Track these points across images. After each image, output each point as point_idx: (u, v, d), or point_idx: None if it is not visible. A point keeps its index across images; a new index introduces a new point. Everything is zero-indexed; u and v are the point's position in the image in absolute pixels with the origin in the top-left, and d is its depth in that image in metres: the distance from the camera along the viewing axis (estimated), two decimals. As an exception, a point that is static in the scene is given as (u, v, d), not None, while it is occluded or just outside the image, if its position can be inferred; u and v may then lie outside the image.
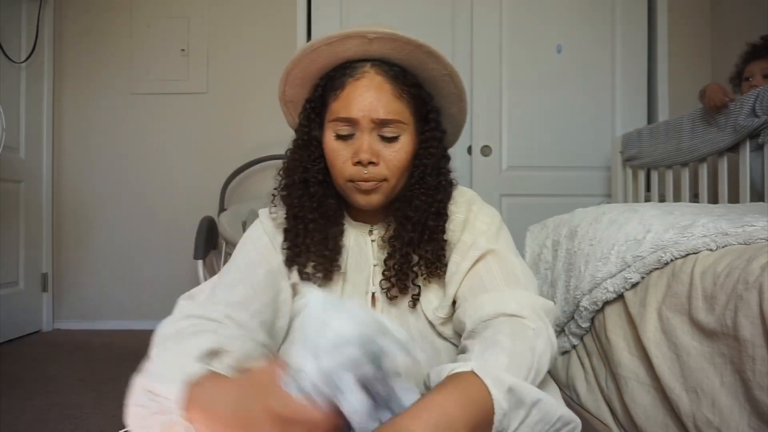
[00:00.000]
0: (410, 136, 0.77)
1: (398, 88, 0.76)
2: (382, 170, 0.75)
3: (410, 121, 0.77)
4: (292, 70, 0.80)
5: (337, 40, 0.74)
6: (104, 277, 2.80)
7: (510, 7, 2.75)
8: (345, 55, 0.76)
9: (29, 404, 1.57)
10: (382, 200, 0.78)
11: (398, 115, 0.75)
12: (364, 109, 0.74)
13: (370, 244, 0.83)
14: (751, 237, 0.89)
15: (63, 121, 2.81)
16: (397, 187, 0.79)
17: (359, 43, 0.74)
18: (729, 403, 0.78)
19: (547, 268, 1.43)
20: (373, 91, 0.74)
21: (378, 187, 0.76)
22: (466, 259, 0.76)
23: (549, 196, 2.73)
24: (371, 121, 0.74)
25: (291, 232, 0.79)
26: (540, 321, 0.67)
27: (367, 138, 0.74)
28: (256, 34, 2.78)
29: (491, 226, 0.81)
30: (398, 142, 0.76)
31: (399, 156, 0.76)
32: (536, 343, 0.63)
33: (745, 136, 1.73)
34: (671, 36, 2.75)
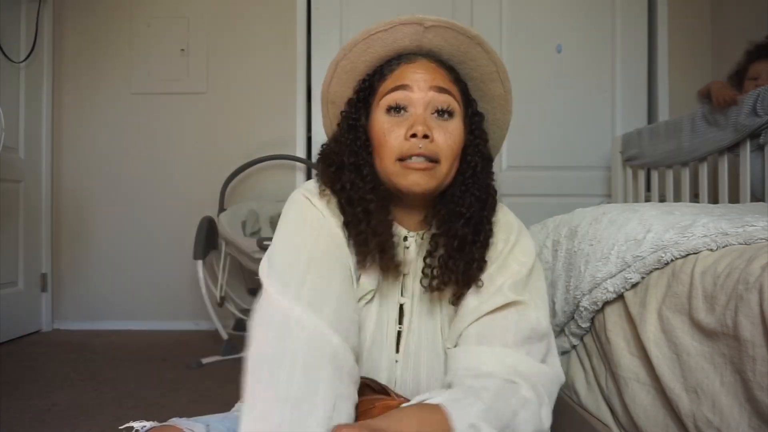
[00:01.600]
0: (461, 123, 0.73)
1: (452, 76, 0.74)
2: (435, 148, 0.69)
3: (459, 109, 0.74)
4: (341, 60, 0.76)
5: (394, 27, 0.73)
6: (104, 277, 2.80)
7: (510, 7, 2.75)
8: (398, 45, 0.74)
9: (29, 404, 1.57)
10: (435, 186, 0.71)
11: (453, 92, 0.72)
12: (420, 77, 0.71)
13: (403, 251, 0.76)
14: (751, 237, 0.89)
15: (62, 120, 2.81)
16: (448, 176, 0.73)
17: (414, 31, 0.72)
18: (729, 403, 0.78)
19: (547, 268, 1.43)
20: (428, 70, 0.72)
21: (430, 168, 0.69)
22: (487, 302, 0.70)
23: (549, 196, 2.73)
24: (428, 87, 0.70)
25: (352, 222, 0.70)
26: (533, 394, 0.62)
27: (422, 112, 0.70)
28: (256, 34, 2.78)
29: (524, 267, 0.74)
30: (453, 122, 0.72)
31: (453, 137, 0.71)
32: (519, 411, 0.59)
33: (745, 135, 1.73)
34: (671, 36, 2.75)
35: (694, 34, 2.76)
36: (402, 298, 0.76)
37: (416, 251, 0.77)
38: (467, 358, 0.67)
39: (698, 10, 2.77)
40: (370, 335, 0.73)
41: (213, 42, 2.78)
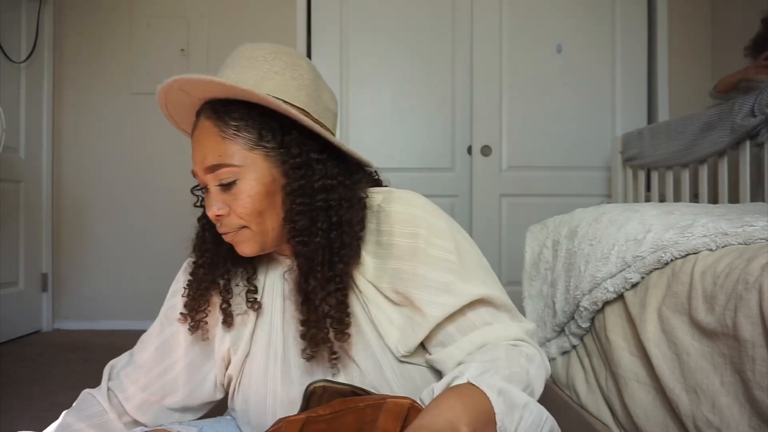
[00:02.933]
0: (256, 172, 0.67)
1: (224, 126, 0.67)
2: (233, 220, 0.69)
3: (250, 159, 0.67)
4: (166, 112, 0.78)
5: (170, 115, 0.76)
6: (104, 277, 2.80)
7: (510, 7, 2.75)
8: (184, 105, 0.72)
9: (29, 404, 1.57)
10: (258, 247, 0.70)
11: (226, 158, 0.67)
12: (198, 162, 0.69)
13: (282, 277, 0.76)
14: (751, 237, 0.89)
15: (63, 121, 2.81)
16: (270, 226, 0.69)
17: (181, 96, 0.70)
18: (729, 403, 0.78)
19: (547, 268, 1.43)
20: (201, 140, 0.69)
21: (239, 236, 0.70)
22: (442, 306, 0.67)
23: (549, 196, 2.73)
24: (204, 172, 0.69)
25: (189, 278, 0.77)
26: (533, 348, 0.68)
27: (213, 190, 0.69)
28: (256, 34, 2.78)
29: (449, 252, 0.69)
30: (237, 187, 0.67)
31: (243, 203, 0.67)
32: (528, 367, 0.64)
33: (743, 135, 1.73)
34: (671, 36, 2.75)
35: (694, 34, 2.76)
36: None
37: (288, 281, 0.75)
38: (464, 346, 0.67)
39: (698, 10, 2.77)
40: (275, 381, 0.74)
41: (213, 42, 2.78)
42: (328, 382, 0.67)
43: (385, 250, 0.70)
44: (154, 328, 0.81)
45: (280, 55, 0.71)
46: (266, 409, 0.73)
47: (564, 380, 1.33)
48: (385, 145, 2.79)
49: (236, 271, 0.77)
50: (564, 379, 1.33)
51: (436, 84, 2.78)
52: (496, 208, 2.77)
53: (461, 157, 2.79)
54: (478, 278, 0.70)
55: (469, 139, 2.77)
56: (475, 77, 2.75)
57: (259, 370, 0.75)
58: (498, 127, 2.76)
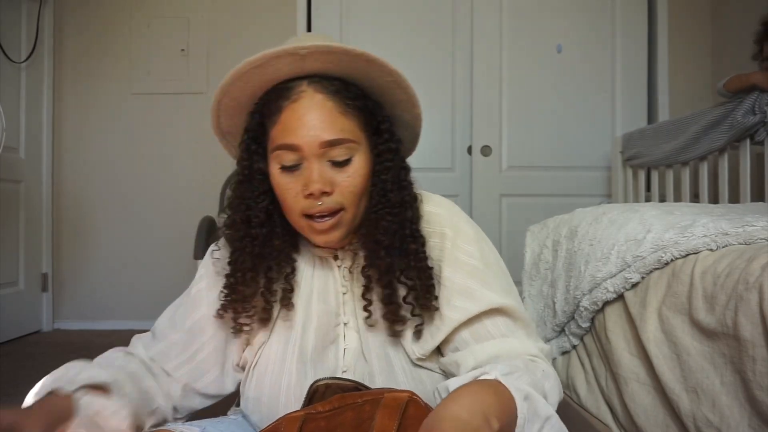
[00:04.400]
0: (364, 154, 0.69)
1: (342, 103, 0.68)
2: (337, 198, 0.67)
3: (361, 138, 0.69)
4: (222, 98, 0.72)
5: (266, 61, 0.66)
6: (104, 277, 2.80)
7: (510, 7, 2.75)
8: (277, 76, 0.68)
9: (29, 404, 1.57)
10: (344, 234, 0.70)
11: (346, 133, 0.67)
12: (308, 133, 0.65)
13: (336, 270, 0.76)
14: (751, 237, 0.89)
15: (63, 121, 2.81)
16: (358, 215, 0.70)
17: (291, 62, 0.66)
18: (729, 403, 0.78)
19: (547, 268, 1.43)
20: (315, 111, 0.66)
21: (337, 222, 0.68)
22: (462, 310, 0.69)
23: (549, 196, 2.73)
24: (318, 146, 0.65)
25: (230, 279, 0.73)
26: (549, 367, 0.66)
27: (317, 166, 0.66)
28: (256, 34, 2.78)
29: (473, 258, 0.71)
30: (351, 165, 0.67)
31: (354, 181, 0.68)
32: (545, 383, 0.62)
33: (742, 133, 1.73)
34: (671, 36, 2.75)
35: (694, 34, 2.76)
36: (345, 316, 0.74)
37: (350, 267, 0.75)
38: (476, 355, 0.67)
39: (698, 10, 2.77)
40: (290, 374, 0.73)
41: (213, 42, 2.78)
42: (332, 379, 0.67)
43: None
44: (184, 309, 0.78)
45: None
46: (279, 399, 0.72)
47: (564, 380, 1.33)
48: (385, 145, 2.79)
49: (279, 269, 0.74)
50: (564, 379, 1.33)
51: (436, 84, 2.78)
52: (496, 208, 2.77)
53: (461, 157, 2.79)
54: (500, 288, 0.71)
55: (469, 139, 2.77)
56: (475, 77, 2.75)
57: (276, 358, 0.74)
58: (498, 127, 2.76)
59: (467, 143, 2.78)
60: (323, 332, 0.74)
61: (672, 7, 2.74)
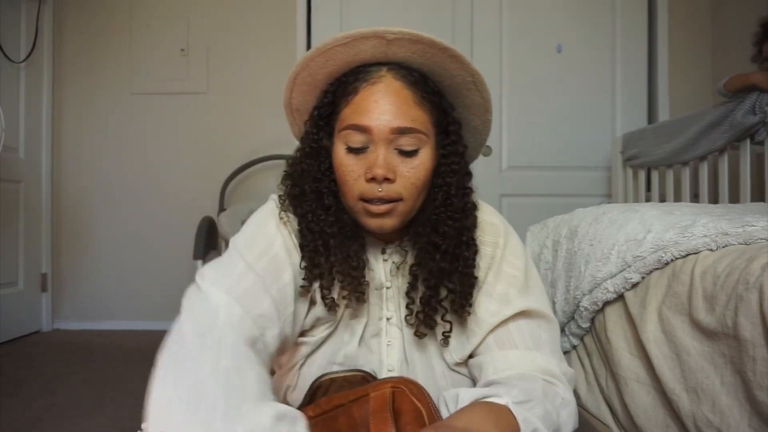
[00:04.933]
0: (430, 150, 0.69)
1: (419, 94, 0.68)
2: (397, 188, 0.66)
3: (431, 133, 0.69)
4: (300, 73, 0.71)
5: (353, 41, 0.66)
6: (104, 277, 2.80)
7: (510, 7, 2.75)
8: (360, 58, 0.68)
9: (29, 404, 1.56)
10: (396, 224, 0.69)
11: (419, 124, 0.67)
12: (380, 117, 0.65)
13: (382, 263, 0.76)
14: (751, 237, 0.89)
15: (62, 120, 2.81)
16: (414, 208, 0.70)
17: (376, 44, 0.67)
18: (729, 403, 0.78)
19: (547, 268, 1.43)
20: (391, 97, 0.66)
21: (392, 210, 0.67)
22: (496, 315, 0.70)
23: (549, 196, 2.73)
24: (389, 131, 0.65)
25: (308, 248, 0.70)
26: (568, 393, 0.66)
27: (383, 151, 0.66)
28: (256, 34, 2.78)
29: (518, 270, 0.73)
30: (418, 157, 0.67)
31: (418, 173, 0.67)
32: (561, 411, 0.62)
33: (742, 133, 1.72)
34: (671, 36, 2.75)
35: (694, 34, 2.76)
36: (387, 311, 0.75)
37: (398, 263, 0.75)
38: (496, 363, 0.67)
39: (698, 10, 2.77)
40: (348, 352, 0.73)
41: (213, 42, 2.78)
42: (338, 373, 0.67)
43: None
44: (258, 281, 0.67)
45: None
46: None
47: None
48: (385, 145, 2.79)
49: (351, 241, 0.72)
50: (564, 379, 1.33)
51: (436, 84, 2.78)
52: (496, 208, 2.74)
53: (461, 157, 2.79)
54: (535, 298, 0.73)
55: (469, 139, 2.77)
56: (475, 77, 2.75)
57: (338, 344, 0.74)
58: (498, 127, 2.76)
59: (467, 143, 2.78)
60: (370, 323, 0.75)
61: (672, 8, 2.74)
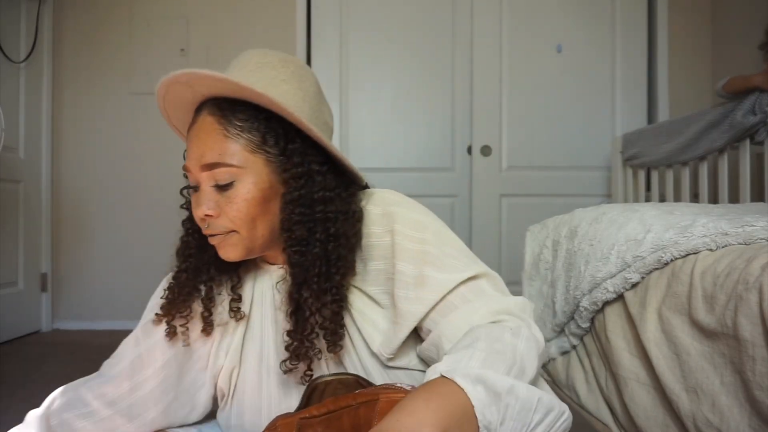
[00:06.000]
0: (254, 177, 0.66)
1: (226, 126, 0.65)
2: (223, 222, 0.66)
3: (251, 162, 0.66)
4: (170, 119, 0.76)
5: (167, 87, 0.68)
6: (104, 278, 2.80)
7: (510, 7, 2.75)
8: (186, 101, 0.70)
9: (29, 404, 1.56)
10: (245, 251, 0.68)
11: (227, 157, 0.65)
12: (193, 157, 0.67)
13: (273, 287, 0.74)
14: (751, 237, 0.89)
15: (62, 120, 2.81)
16: (259, 237, 0.68)
17: (184, 89, 0.68)
18: (729, 403, 0.78)
19: (547, 268, 1.43)
20: (202, 135, 0.66)
21: (225, 240, 0.67)
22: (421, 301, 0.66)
23: (549, 196, 2.73)
24: (199, 169, 0.66)
25: (169, 282, 0.75)
26: (518, 320, 0.63)
27: (205, 189, 0.67)
28: (255, 34, 2.78)
29: (425, 243, 0.68)
30: (233, 189, 0.65)
31: (237, 206, 0.65)
32: (516, 343, 0.58)
33: (742, 133, 1.73)
34: (671, 36, 2.75)
35: (694, 34, 2.76)
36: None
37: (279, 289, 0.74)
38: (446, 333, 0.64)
39: (698, 10, 2.77)
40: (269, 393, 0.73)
41: (213, 42, 2.78)
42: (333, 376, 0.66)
43: (366, 252, 0.70)
44: (129, 342, 0.75)
45: (288, 65, 0.72)
46: (262, 423, 0.71)
47: (564, 380, 1.33)
48: (384, 145, 2.79)
49: (220, 279, 0.75)
50: (564, 379, 1.33)
51: (436, 84, 2.78)
52: (496, 208, 2.77)
53: (461, 157, 2.79)
54: (458, 264, 0.68)
55: (469, 139, 2.77)
56: (475, 77, 2.75)
57: (253, 384, 0.73)
58: (498, 127, 2.76)
59: (467, 143, 2.78)
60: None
61: (672, 7, 2.74)
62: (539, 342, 0.61)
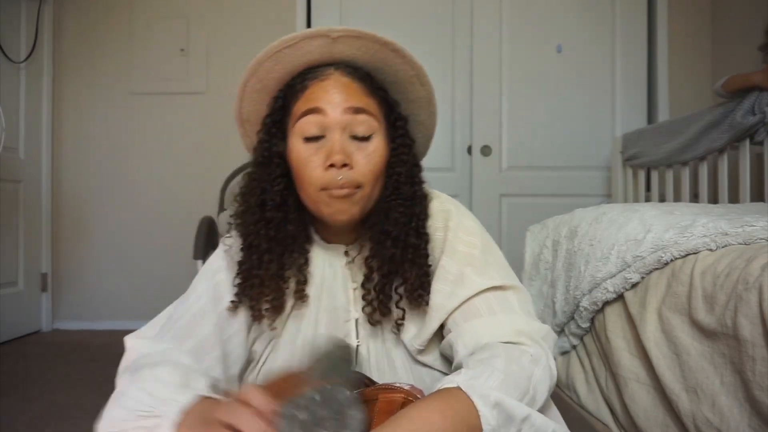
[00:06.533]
0: (382, 139, 0.70)
1: (367, 87, 0.70)
2: (355, 175, 0.67)
3: (382, 123, 0.71)
4: (249, 80, 0.73)
5: (300, 41, 0.68)
6: (104, 277, 2.80)
7: (510, 7, 2.75)
8: (307, 59, 0.70)
9: (29, 404, 1.56)
10: (359, 211, 0.69)
11: (370, 108, 0.69)
12: (333, 100, 0.67)
13: (345, 267, 0.76)
14: (750, 237, 0.89)
15: (62, 120, 2.81)
16: (372, 197, 0.70)
17: (323, 44, 0.68)
18: (729, 403, 0.78)
19: (547, 268, 1.43)
20: (341, 87, 0.68)
21: (353, 195, 0.67)
22: (454, 297, 0.69)
23: (549, 196, 2.73)
24: (342, 110, 0.66)
25: (244, 265, 0.71)
26: (539, 348, 0.63)
27: (339, 138, 0.66)
28: (255, 34, 2.77)
29: (473, 248, 0.72)
30: (372, 143, 0.68)
31: (374, 159, 0.68)
32: (533, 370, 0.59)
33: (742, 133, 1.73)
34: (671, 36, 2.75)
35: (694, 34, 2.76)
36: (355, 312, 0.75)
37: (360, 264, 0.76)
38: (464, 338, 0.66)
39: (698, 10, 2.77)
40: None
41: (213, 42, 2.78)
42: None
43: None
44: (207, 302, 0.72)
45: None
46: None
47: (564, 380, 1.33)
48: (384, 145, 2.79)
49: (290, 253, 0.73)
50: (564, 379, 1.33)
51: (436, 83, 2.74)
52: (496, 208, 2.77)
53: (461, 157, 2.79)
54: (497, 274, 0.71)
55: (469, 139, 2.77)
56: (475, 77, 2.75)
57: (286, 354, 0.74)
58: (498, 127, 2.76)
59: (467, 143, 2.78)
60: (333, 328, 0.74)
61: (672, 7, 2.74)
62: (553, 374, 0.63)
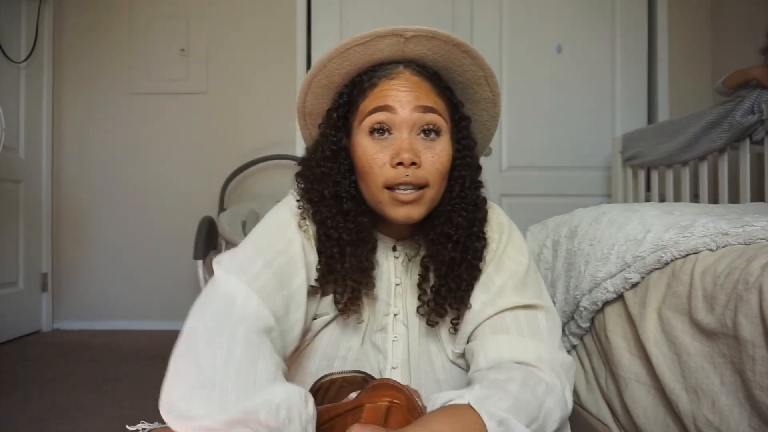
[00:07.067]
0: (449, 139, 0.70)
1: (436, 87, 0.70)
2: (424, 174, 0.66)
3: (448, 123, 0.71)
4: (316, 75, 0.72)
5: (371, 40, 0.67)
6: (104, 277, 2.80)
7: (510, 7, 2.75)
8: (376, 57, 0.69)
9: (29, 404, 1.56)
10: (423, 213, 0.68)
11: (439, 108, 0.69)
12: (403, 99, 0.66)
13: (392, 261, 0.76)
14: (751, 237, 0.89)
15: (62, 120, 2.81)
16: (437, 197, 0.70)
17: (394, 43, 0.68)
18: (729, 403, 0.78)
19: (547, 268, 1.43)
20: (411, 86, 0.68)
21: (420, 198, 0.67)
22: (490, 305, 0.70)
23: (549, 196, 2.73)
24: (412, 109, 0.66)
25: (325, 254, 0.70)
26: (557, 378, 0.64)
27: (407, 136, 0.66)
28: (255, 34, 2.77)
29: (520, 266, 0.73)
30: (440, 142, 0.68)
31: (441, 158, 0.68)
32: (545, 399, 0.59)
33: (741, 133, 1.73)
34: (671, 36, 2.75)
35: (694, 34, 2.76)
36: (395, 308, 0.75)
37: (406, 262, 0.76)
38: (487, 350, 0.67)
39: (698, 11, 2.77)
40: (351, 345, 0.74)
41: (213, 42, 2.78)
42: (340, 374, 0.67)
43: None
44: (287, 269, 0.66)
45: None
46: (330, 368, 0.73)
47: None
48: (385, 145, 2.79)
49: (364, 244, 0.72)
50: (564, 379, 1.33)
51: (436, 84, 2.77)
52: (496, 208, 2.77)
53: (461, 157, 2.79)
54: (532, 292, 0.72)
55: (469, 139, 2.77)
56: (475, 77, 2.75)
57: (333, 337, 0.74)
58: (498, 127, 2.74)
59: (467, 143, 2.78)
60: (373, 320, 0.75)
61: (672, 8, 2.74)
62: (567, 407, 0.63)
